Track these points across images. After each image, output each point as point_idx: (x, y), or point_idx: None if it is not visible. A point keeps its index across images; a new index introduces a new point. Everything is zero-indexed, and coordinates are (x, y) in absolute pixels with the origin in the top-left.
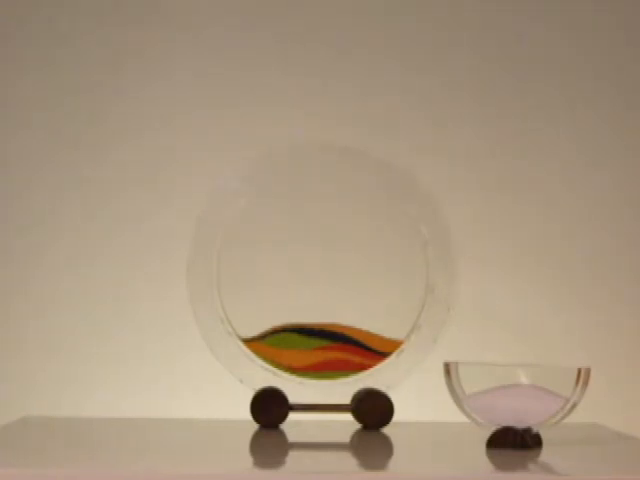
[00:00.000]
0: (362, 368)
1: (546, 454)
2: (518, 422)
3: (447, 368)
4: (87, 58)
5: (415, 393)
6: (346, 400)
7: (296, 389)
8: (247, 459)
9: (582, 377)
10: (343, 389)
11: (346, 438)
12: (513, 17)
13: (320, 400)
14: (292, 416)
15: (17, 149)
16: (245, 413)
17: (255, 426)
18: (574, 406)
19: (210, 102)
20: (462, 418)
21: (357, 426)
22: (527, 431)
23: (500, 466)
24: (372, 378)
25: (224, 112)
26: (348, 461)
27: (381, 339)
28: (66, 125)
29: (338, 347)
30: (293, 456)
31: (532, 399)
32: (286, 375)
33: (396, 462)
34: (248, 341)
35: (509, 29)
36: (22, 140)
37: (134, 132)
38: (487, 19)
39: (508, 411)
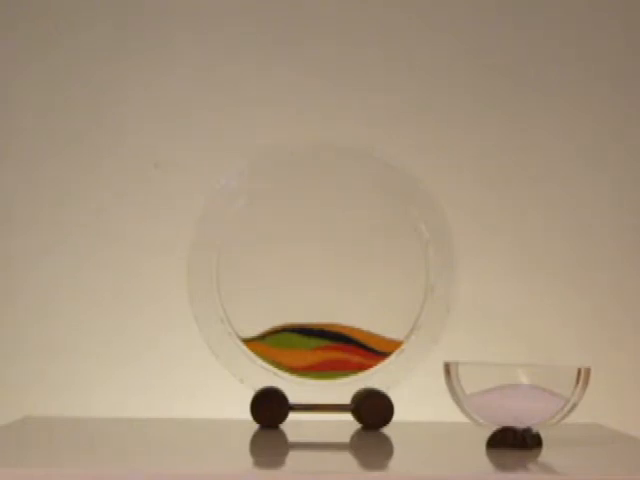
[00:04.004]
0: (362, 368)
1: (546, 454)
2: (518, 422)
3: (447, 368)
4: (86, 58)
5: (415, 393)
6: (346, 400)
7: (296, 389)
8: (247, 459)
9: (582, 377)
10: (343, 389)
11: (346, 438)
12: (513, 17)
13: (320, 400)
14: (292, 416)
15: (17, 149)
16: (245, 413)
17: (255, 426)
18: (574, 406)
19: (210, 102)
20: (462, 418)
21: (357, 426)
22: (527, 431)
23: (500, 466)
24: (372, 378)
25: (224, 112)
26: (348, 461)
27: (381, 339)
28: (65, 126)
29: (338, 347)
30: (293, 456)
31: (532, 399)
32: (286, 375)
33: (396, 462)
34: (248, 341)
35: (509, 29)
36: (22, 141)
37: (134, 132)
38: (487, 19)
39: (508, 411)
